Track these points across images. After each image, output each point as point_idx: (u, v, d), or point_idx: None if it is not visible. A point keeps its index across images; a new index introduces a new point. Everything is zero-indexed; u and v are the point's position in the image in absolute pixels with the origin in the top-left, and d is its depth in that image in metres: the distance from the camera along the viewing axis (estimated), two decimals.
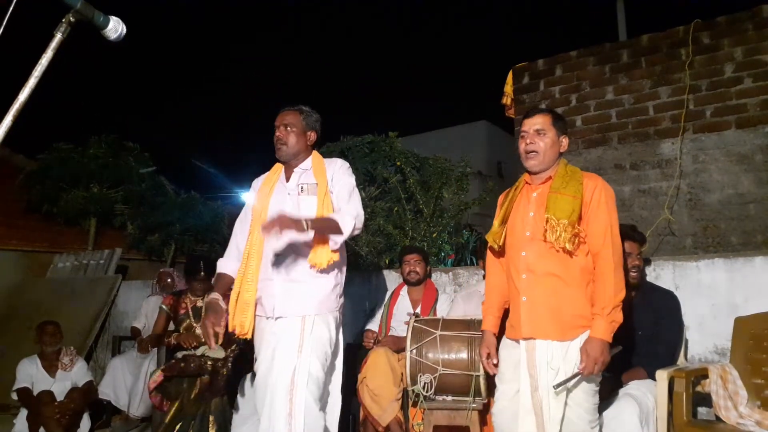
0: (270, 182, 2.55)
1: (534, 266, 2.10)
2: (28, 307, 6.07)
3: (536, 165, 2.18)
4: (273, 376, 2.21)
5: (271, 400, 2.19)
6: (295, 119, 2.49)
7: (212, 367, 3.39)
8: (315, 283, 2.35)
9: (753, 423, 2.38)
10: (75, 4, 1.20)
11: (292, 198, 2.44)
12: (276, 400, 2.17)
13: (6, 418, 4.28)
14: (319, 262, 2.29)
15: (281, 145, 2.48)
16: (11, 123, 1.14)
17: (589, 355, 1.96)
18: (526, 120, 2.22)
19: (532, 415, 1.98)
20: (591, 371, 1.95)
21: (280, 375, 2.20)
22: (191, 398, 3.33)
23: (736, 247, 3.98)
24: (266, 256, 2.40)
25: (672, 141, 4.32)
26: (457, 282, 3.98)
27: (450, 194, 5.55)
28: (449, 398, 2.78)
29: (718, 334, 2.95)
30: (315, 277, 2.34)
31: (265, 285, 2.38)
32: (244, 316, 2.34)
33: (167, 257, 7.92)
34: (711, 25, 4.27)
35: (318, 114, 2.59)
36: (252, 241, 2.43)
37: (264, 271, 2.39)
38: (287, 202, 2.43)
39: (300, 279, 2.34)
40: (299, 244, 2.34)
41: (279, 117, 2.52)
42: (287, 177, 2.52)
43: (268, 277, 2.38)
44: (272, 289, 2.36)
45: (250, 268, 2.39)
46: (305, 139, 2.52)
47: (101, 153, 7.91)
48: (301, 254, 2.35)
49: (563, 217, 2.03)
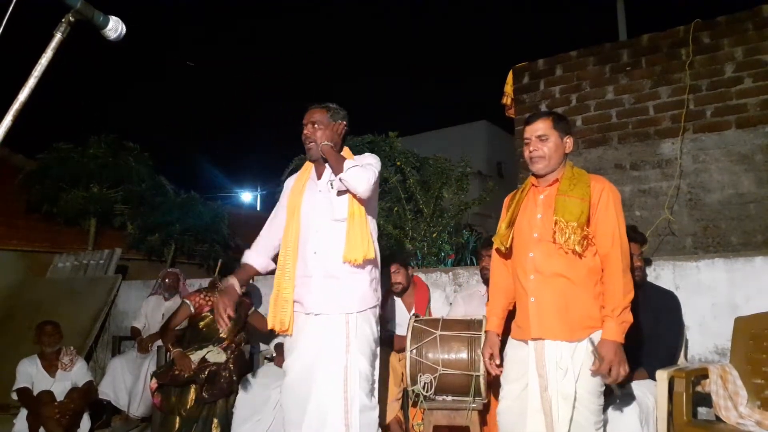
0: (302, 180, 2.57)
1: (542, 267, 2.11)
2: (28, 307, 6.06)
3: (543, 168, 2.18)
4: (322, 376, 2.28)
5: (322, 399, 2.26)
6: (322, 116, 2.50)
7: (209, 371, 3.38)
8: (352, 279, 2.38)
9: (753, 423, 2.38)
10: (75, 4, 1.20)
11: (324, 195, 2.47)
12: (330, 400, 2.24)
13: (6, 418, 4.27)
14: (354, 258, 2.32)
15: (310, 143, 2.49)
16: (11, 123, 1.14)
17: (604, 357, 1.97)
18: (528, 126, 2.23)
19: (541, 415, 1.99)
20: (609, 373, 1.96)
21: (332, 375, 2.27)
22: (189, 406, 3.32)
23: (737, 247, 3.98)
24: (303, 253, 2.44)
25: (672, 141, 4.32)
26: (457, 282, 3.97)
27: (450, 194, 5.55)
28: (449, 398, 2.78)
29: (719, 334, 2.95)
30: (352, 273, 2.37)
31: (303, 282, 2.42)
32: (284, 314, 2.41)
33: (167, 257, 7.92)
34: (711, 25, 4.26)
35: (345, 110, 2.59)
36: (287, 239, 2.48)
37: (301, 268, 2.44)
38: (319, 199, 2.47)
39: (338, 275, 2.37)
40: (335, 240, 2.38)
41: (306, 115, 2.52)
42: (318, 174, 2.54)
43: (306, 274, 2.42)
44: (311, 285, 2.39)
45: (288, 266, 2.45)
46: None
47: (101, 153, 7.91)
48: (337, 250, 2.37)
49: (572, 219, 2.04)
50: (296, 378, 2.36)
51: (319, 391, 2.28)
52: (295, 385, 2.37)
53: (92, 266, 6.52)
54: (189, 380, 3.35)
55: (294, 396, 2.36)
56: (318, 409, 2.27)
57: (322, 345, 2.33)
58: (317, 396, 2.28)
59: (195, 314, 3.72)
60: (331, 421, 2.23)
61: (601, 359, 1.97)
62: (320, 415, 2.26)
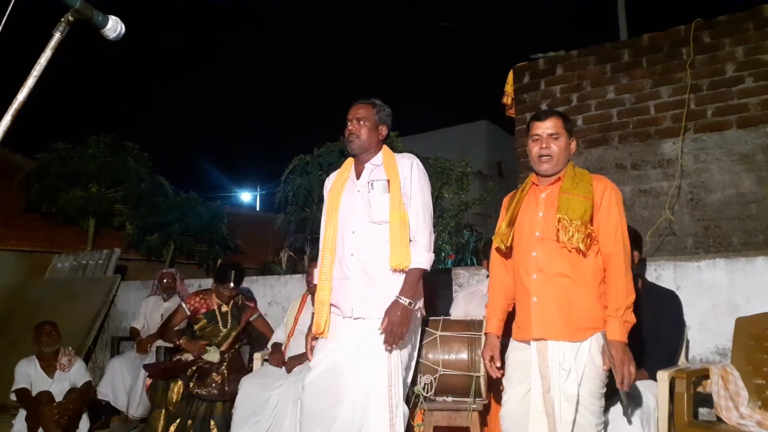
0: (341, 180, 2.53)
1: (544, 266, 2.10)
2: (27, 307, 6.06)
3: (550, 168, 2.17)
4: (362, 378, 2.26)
5: (361, 400, 2.25)
6: (368, 113, 2.48)
7: (198, 367, 3.38)
8: (390, 282, 2.33)
9: (754, 424, 2.37)
10: (74, 4, 1.19)
11: (363, 195, 2.43)
12: (373, 402, 2.23)
13: (5, 418, 4.28)
14: (400, 263, 2.30)
15: (354, 138, 2.47)
16: (10, 122, 1.13)
17: (614, 358, 1.96)
18: (538, 123, 2.20)
19: (543, 417, 1.98)
20: (622, 372, 1.96)
21: (376, 379, 2.25)
22: (175, 401, 3.33)
23: (738, 247, 3.97)
24: (340, 254, 2.41)
25: (673, 141, 4.32)
26: (458, 282, 3.96)
27: (450, 194, 5.55)
28: (449, 399, 2.77)
29: (719, 334, 2.94)
30: (390, 275, 2.33)
31: (340, 284, 2.39)
32: (320, 316, 2.39)
33: (166, 257, 7.91)
34: (712, 25, 4.26)
35: (390, 108, 2.57)
36: (325, 240, 2.46)
37: (338, 269, 2.41)
38: (357, 199, 2.43)
39: (376, 277, 2.34)
40: (373, 241, 2.35)
41: (351, 110, 2.50)
42: (357, 173, 2.51)
43: (343, 276, 2.39)
44: (348, 287, 2.36)
45: (324, 266, 2.43)
46: (377, 133, 2.51)
47: (100, 153, 7.91)
48: (375, 252, 2.35)
49: (576, 217, 2.03)
50: (321, 376, 2.33)
51: (359, 392, 2.26)
52: (318, 383, 2.33)
53: (91, 266, 6.52)
54: (175, 375, 3.35)
55: (318, 393, 2.32)
56: (355, 411, 2.25)
57: (361, 347, 2.30)
58: (355, 397, 2.26)
59: (191, 316, 3.71)
60: (373, 422, 2.22)
61: (611, 358, 1.96)
62: (357, 417, 2.24)
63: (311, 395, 2.34)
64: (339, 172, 2.60)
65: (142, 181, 8.10)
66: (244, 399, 3.30)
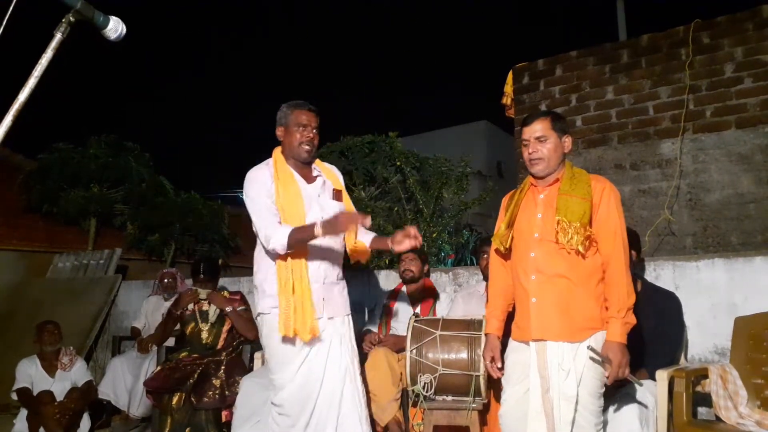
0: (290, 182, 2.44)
1: (543, 267, 2.10)
2: (28, 306, 6.06)
3: (542, 170, 2.17)
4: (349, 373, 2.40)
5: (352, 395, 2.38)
6: (318, 122, 2.51)
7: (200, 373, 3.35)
8: (343, 283, 2.56)
9: (753, 423, 2.38)
10: (75, 4, 1.20)
11: (326, 200, 2.52)
12: (356, 397, 2.39)
13: (6, 418, 4.28)
14: (364, 258, 2.57)
15: (312, 148, 2.48)
16: (11, 123, 1.14)
17: (613, 360, 1.97)
18: (525, 128, 2.20)
19: (542, 417, 1.99)
20: (617, 374, 1.98)
21: (347, 371, 2.39)
22: (177, 407, 3.31)
23: (736, 247, 3.98)
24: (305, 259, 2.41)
25: (672, 141, 4.32)
26: (457, 282, 3.97)
27: (450, 194, 5.55)
28: (449, 398, 2.78)
29: (718, 334, 2.95)
30: (341, 278, 2.55)
31: (317, 288, 2.44)
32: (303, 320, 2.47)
33: (167, 257, 7.92)
34: (711, 25, 4.26)
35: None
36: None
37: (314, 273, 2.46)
38: (328, 206, 2.50)
39: (336, 280, 2.51)
40: (335, 246, 2.49)
41: (313, 117, 2.47)
42: (305, 177, 2.49)
43: (314, 279, 2.42)
44: (321, 291, 2.44)
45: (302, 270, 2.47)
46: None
47: (101, 153, 7.90)
48: (335, 256, 2.50)
49: (574, 219, 2.03)
50: (303, 381, 2.36)
51: (332, 388, 2.35)
52: (300, 388, 2.35)
53: (92, 266, 6.52)
54: (176, 387, 3.33)
55: (300, 399, 2.35)
56: (330, 405, 2.34)
57: (343, 347, 2.43)
58: (327, 394, 2.34)
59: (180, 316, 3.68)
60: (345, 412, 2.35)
61: (609, 362, 1.97)
62: (330, 410, 2.33)
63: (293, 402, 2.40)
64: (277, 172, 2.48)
65: (143, 181, 8.09)
66: (244, 399, 3.29)
